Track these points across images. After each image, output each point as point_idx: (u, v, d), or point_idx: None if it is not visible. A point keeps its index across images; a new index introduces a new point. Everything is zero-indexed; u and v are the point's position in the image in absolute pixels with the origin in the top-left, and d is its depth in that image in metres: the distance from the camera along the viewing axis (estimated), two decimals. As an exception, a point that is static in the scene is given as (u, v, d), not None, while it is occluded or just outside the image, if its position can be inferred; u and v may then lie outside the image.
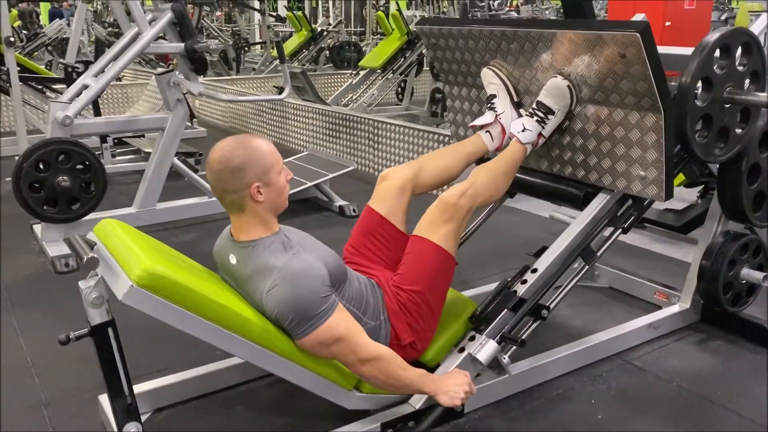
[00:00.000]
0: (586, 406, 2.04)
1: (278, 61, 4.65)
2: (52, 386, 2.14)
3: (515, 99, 2.20)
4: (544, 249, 2.13)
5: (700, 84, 1.97)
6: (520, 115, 2.17)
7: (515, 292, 2.01)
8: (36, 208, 3.17)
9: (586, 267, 2.11)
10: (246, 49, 10.85)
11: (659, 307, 2.60)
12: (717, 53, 1.98)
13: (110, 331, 1.59)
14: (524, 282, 2.02)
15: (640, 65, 1.78)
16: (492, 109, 2.19)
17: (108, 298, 1.57)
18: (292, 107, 5.92)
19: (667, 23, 4.15)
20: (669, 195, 1.96)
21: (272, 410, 2.02)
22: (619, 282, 2.86)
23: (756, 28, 2.26)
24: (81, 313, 1.59)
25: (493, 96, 2.20)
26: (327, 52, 9.72)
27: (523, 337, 1.98)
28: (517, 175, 2.27)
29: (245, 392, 2.10)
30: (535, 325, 2.04)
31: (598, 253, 2.09)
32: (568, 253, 2.07)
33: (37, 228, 3.48)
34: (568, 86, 2.01)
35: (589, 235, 2.08)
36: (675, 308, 2.53)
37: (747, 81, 2.09)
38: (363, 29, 12.79)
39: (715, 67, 1.97)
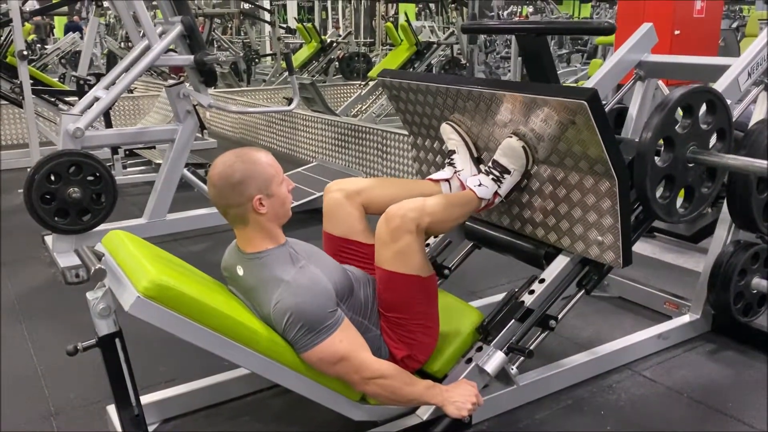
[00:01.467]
0: (596, 417, 2.03)
1: (287, 73, 4.68)
2: (60, 396, 2.15)
3: (475, 155, 2.16)
4: (553, 257, 2.12)
5: (662, 143, 1.92)
6: (480, 171, 2.12)
7: (523, 302, 2.00)
8: (47, 219, 3.20)
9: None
10: (256, 60, 10.92)
11: (669, 317, 2.58)
12: (679, 112, 1.93)
13: (117, 342, 1.60)
14: (532, 292, 2.01)
15: (590, 132, 1.74)
16: (451, 164, 2.14)
17: (115, 309, 1.58)
18: (302, 118, 5.94)
19: (677, 32, 4.12)
20: (627, 262, 1.90)
21: (279, 421, 2.02)
22: (629, 292, 2.84)
23: (721, 83, 2.20)
24: (91, 323, 1.60)
25: (453, 152, 2.16)
26: (336, 63, 9.77)
27: (531, 347, 1.97)
28: (482, 228, 2.28)
29: (252, 403, 2.10)
30: (543, 335, 2.03)
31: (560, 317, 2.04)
32: (576, 263, 2.06)
33: (49, 239, 3.51)
34: (523, 147, 1.95)
35: (542, 305, 2.04)
36: (685, 318, 2.51)
37: (713, 138, 2.03)
38: (372, 40, 12.84)
39: (676, 127, 1.92)
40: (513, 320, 1.97)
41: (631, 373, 2.27)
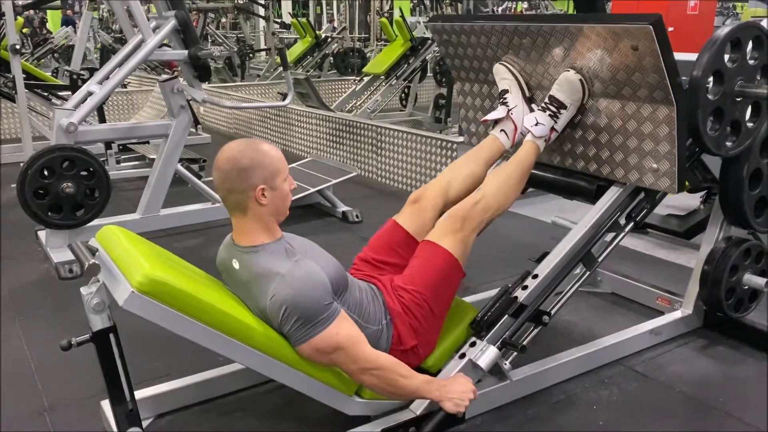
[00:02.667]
0: (588, 412, 2.04)
1: (282, 68, 4.67)
2: (54, 392, 2.15)
3: (527, 94, 2.22)
4: (545, 255, 2.13)
5: (711, 78, 1.97)
6: (532, 110, 2.19)
7: (516, 297, 2.01)
8: (40, 215, 3.19)
9: (588, 273, 2.12)
10: (251, 55, 10.89)
11: (662, 313, 2.60)
12: (728, 47, 1.99)
13: (112, 337, 1.60)
14: (525, 288, 2.03)
15: (653, 57, 1.80)
16: (504, 103, 2.21)
17: (109, 304, 1.58)
18: (296, 113, 5.94)
19: (670, 29, 4.14)
20: (681, 187, 1.98)
21: (273, 416, 2.03)
22: (622, 287, 2.86)
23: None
24: (85, 319, 1.60)
25: (506, 91, 2.22)
26: (331, 58, 9.76)
27: (524, 342, 1.98)
28: (532, 171, 2.28)
29: (246, 398, 2.10)
30: (536, 330, 2.04)
31: (603, 255, 2.10)
32: (569, 259, 2.07)
33: (42, 234, 3.50)
34: (580, 80, 2.02)
35: (590, 240, 2.09)
36: (677, 314, 2.52)
37: (758, 75, 2.09)
38: (367, 36, 12.83)
39: (726, 61, 1.98)
40: (506, 316, 1.98)
41: (623, 369, 2.28)
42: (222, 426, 1.98)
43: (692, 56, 2.59)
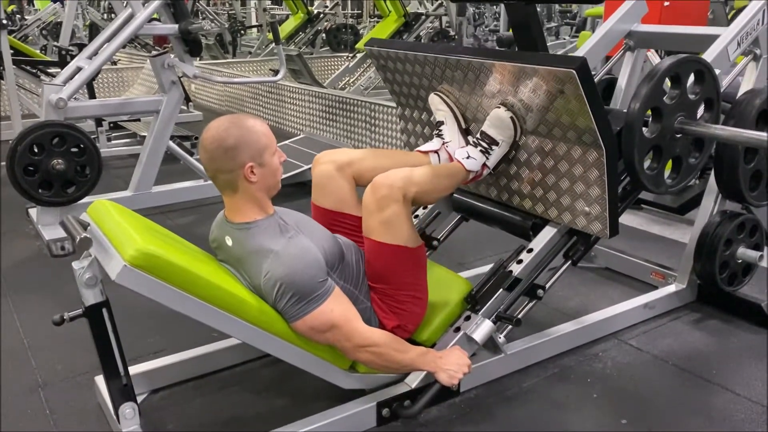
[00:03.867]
0: (582, 385, 2.05)
1: (274, 43, 4.61)
2: (48, 368, 2.14)
3: (463, 126, 2.14)
4: (540, 228, 2.12)
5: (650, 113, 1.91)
6: (468, 142, 2.10)
7: (511, 272, 2.00)
8: (31, 192, 3.16)
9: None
10: (242, 32, 10.77)
11: (655, 287, 2.61)
12: (667, 82, 1.92)
13: (105, 311, 1.59)
14: (520, 262, 2.02)
15: (578, 101, 1.73)
16: (440, 136, 2.12)
17: (102, 278, 1.57)
18: (289, 90, 5.88)
19: (666, 3, 4.11)
20: (614, 232, 1.91)
21: (268, 391, 2.03)
22: (616, 262, 2.86)
23: (710, 53, 2.20)
24: (77, 296, 1.59)
25: (441, 123, 2.14)
26: (323, 34, 9.65)
27: (519, 316, 1.98)
28: (469, 200, 2.28)
29: (241, 373, 2.10)
30: (530, 304, 2.04)
31: (548, 285, 2.05)
32: (563, 234, 2.07)
33: (33, 212, 3.47)
34: (511, 117, 1.94)
35: (530, 274, 2.04)
36: (671, 288, 2.53)
37: (701, 108, 2.03)
38: (360, 11, 12.70)
39: (664, 98, 1.91)
40: (501, 289, 1.98)
41: (617, 342, 2.29)
42: (217, 401, 1.98)
43: (687, 29, 2.57)
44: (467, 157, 1.99)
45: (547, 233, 2.05)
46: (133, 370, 1.80)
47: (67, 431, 1.85)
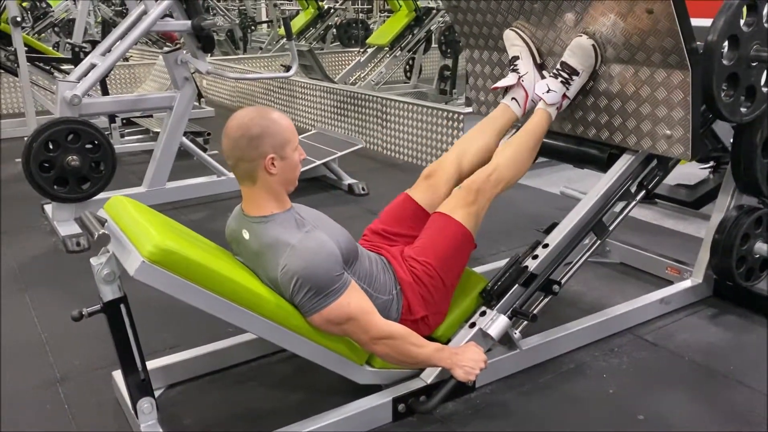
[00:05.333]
0: (598, 380, 2.04)
1: (285, 38, 4.61)
2: (66, 363, 2.16)
3: (538, 61, 2.18)
4: (554, 225, 2.12)
5: (726, 43, 1.93)
6: (543, 77, 2.15)
7: (526, 267, 2.00)
8: (46, 188, 3.19)
9: (598, 242, 2.10)
10: (252, 28, 10.77)
11: (671, 282, 2.59)
12: (744, 10, 1.94)
13: (122, 307, 1.60)
14: (535, 257, 2.02)
15: (668, 21, 1.75)
16: (515, 70, 2.17)
17: (120, 274, 1.58)
18: (300, 86, 5.89)
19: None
20: (696, 153, 1.94)
21: (284, 386, 2.04)
22: (631, 257, 2.85)
23: None
24: (93, 291, 1.60)
25: (516, 57, 2.18)
26: (334, 30, 9.64)
27: (535, 312, 1.98)
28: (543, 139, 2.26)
29: (257, 368, 2.11)
30: (546, 300, 2.03)
31: (614, 224, 2.08)
32: (580, 228, 2.06)
33: (48, 208, 3.50)
34: (593, 45, 1.98)
35: (601, 209, 2.07)
36: (687, 283, 2.52)
37: None
38: (370, 6, 12.67)
39: (741, 25, 1.93)
40: (517, 285, 1.98)
41: (633, 338, 2.28)
42: (233, 396, 1.98)
43: (706, 21, 2.55)
44: (547, 91, 2.04)
45: (625, 161, 2.07)
46: (150, 364, 1.80)
47: (85, 426, 1.86)
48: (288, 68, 4.35)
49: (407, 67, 7.68)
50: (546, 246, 2.03)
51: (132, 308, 1.63)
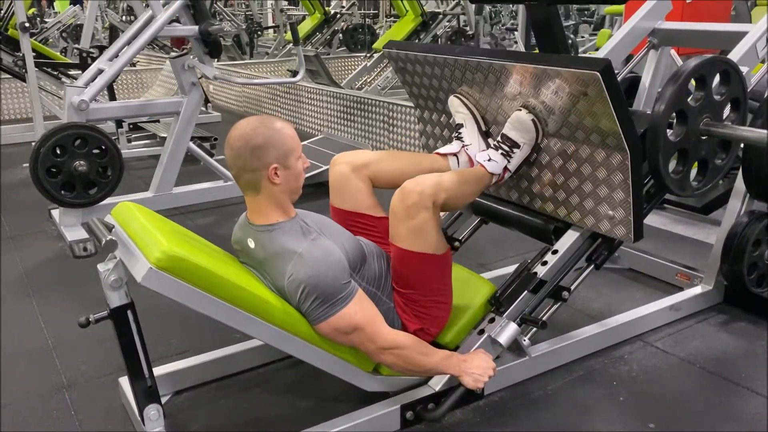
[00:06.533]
0: (608, 388, 2.02)
1: (292, 43, 4.61)
2: (73, 369, 2.16)
3: (483, 128, 2.12)
4: (562, 231, 2.10)
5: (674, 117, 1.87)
6: (488, 145, 2.08)
7: (535, 273, 1.98)
8: (53, 193, 3.19)
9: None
10: (259, 33, 10.80)
11: (681, 289, 2.57)
12: (693, 83, 1.88)
13: (129, 313, 1.59)
14: (545, 263, 2.00)
15: (602, 104, 1.70)
16: (459, 138, 2.10)
17: (127, 280, 1.57)
18: (306, 91, 5.89)
19: (688, 0, 4.05)
20: (638, 236, 1.87)
21: (291, 392, 2.02)
22: (640, 263, 2.83)
23: (738, 51, 2.15)
24: (100, 297, 1.59)
25: (460, 125, 2.12)
26: (340, 35, 9.65)
27: (544, 318, 1.96)
28: (490, 203, 2.24)
29: (264, 375, 2.10)
30: (555, 306, 2.02)
31: (573, 287, 2.03)
32: (586, 238, 2.04)
33: (55, 213, 3.50)
34: (533, 120, 1.92)
35: (554, 278, 2.02)
36: (697, 289, 2.49)
37: (727, 108, 1.99)
38: (376, 11, 12.69)
39: (689, 99, 1.87)
40: (526, 291, 1.96)
41: (642, 345, 2.26)
42: (240, 402, 1.97)
43: (713, 26, 2.53)
44: (488, 160, 1.97)
45: (570, 237, 2.02)
46: (156, 371, 1.80)
47: (92, 432, 1.85)
48: (295, 73, 4.35)
49: (414, 71, 7.67)
50: (555, 252, 2.02)
51: (139, 314, 1.62)
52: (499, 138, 2.00)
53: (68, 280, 2.87)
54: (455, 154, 2.09)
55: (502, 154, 1.97)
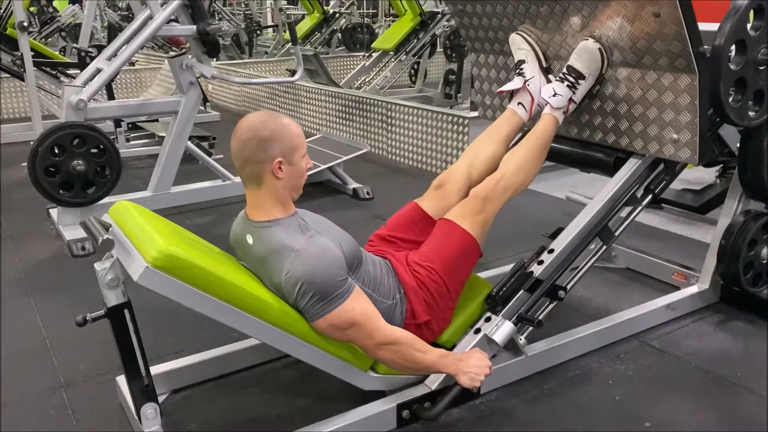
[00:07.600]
0: (604, 387, 2.03)
1: (290, 43, 4.62)
2: (70, 368, 2.16)
3: (544, 64, 2.17)
4: (560, 230, 2.11)
5: (733, 47, 1.92)
6: (549, 81, 2.15)
7: (532, 272, 1.99)
8: (52, 192, 3.19)
9: (604, 247, 2.09)
10: (258, 32, 10.80)
11: (677, 288, 2.57)
12: (751, 14, 1.93)
13: (126, 312, 1.60)
14: (541, 263, 2.01)
15: (675, 24, 1.75)
16: (521, 74, 2.16)
17: (124, 279, 1.57)
18: (305, 90, 5.89)
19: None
20: (703, 158, 1.93)
21: (288, 391, 2.03)
22: (637, 263, 2.83)
23: None
24: (98, 296, 1.60)
25: (522, 61, 2.17)
26: (339, 34, 9.65)
27: (540, 317, 1.96)
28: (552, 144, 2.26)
29: (261, 373, 2.10)
30: (552, 306, 2.02)
31: (620, 229, 2.07)
32: (586, 233, 2.05)
33: (54, 212, 3.50)
34: (600, 49, 1.98)
35: (607, 214, 2.06)
36: (694, 289, 2.50)
37: None
38: (375, 11, 12.69)
39: (749, 29, 1.92)
40: (522, 291, 1.97)
41: (639, 344, 2.26)
42: (237, 401, 1.98)
43: (713, 26, 2.53)
44: (554, 95, 2.04)
45: (631, 166, 2.05)
46: (153, 370, 1.80)
47: (89, 431, 1.85)
48: (293, 73, 4.36)
49: (412, 71, 7.68)
50: (552, 251, 2.02)
51: (136, 313, 1.62)
52: (564, 70, 2.05)
53: (66, 279, 2.87)
54: (517, 95, 2.17)
55: (567, 86, 2.03)
